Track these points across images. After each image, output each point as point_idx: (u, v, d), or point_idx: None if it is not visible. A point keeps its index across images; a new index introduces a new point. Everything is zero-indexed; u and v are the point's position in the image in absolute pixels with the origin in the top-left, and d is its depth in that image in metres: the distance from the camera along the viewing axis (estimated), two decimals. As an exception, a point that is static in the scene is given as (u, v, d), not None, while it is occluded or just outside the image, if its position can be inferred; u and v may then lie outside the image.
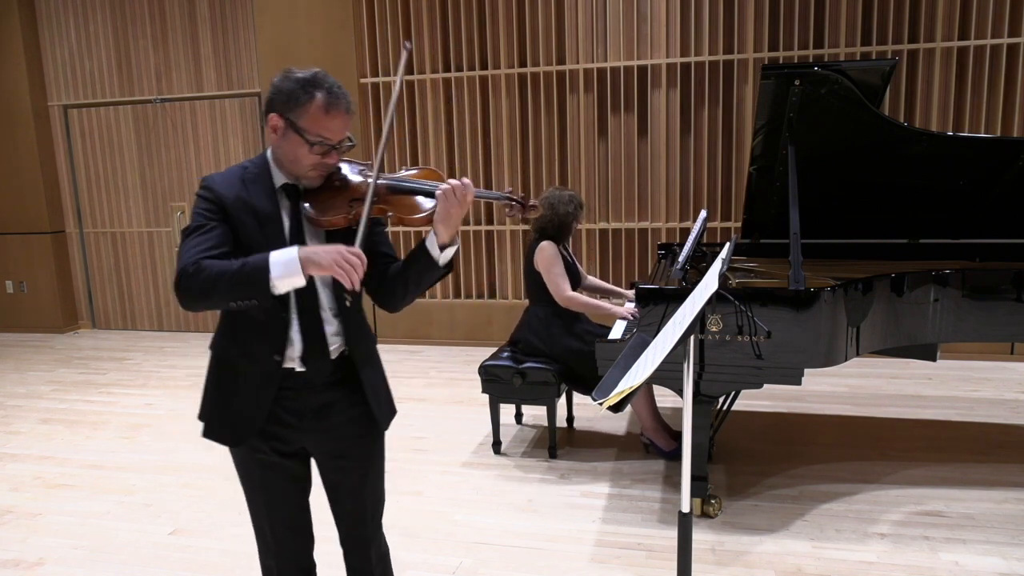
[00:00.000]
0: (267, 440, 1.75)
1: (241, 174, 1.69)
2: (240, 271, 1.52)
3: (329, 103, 1.60)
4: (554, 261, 3.65)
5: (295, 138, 1.62)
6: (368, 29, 5.96)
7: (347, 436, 1.81)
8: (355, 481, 1.86)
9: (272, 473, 1.79)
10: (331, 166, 1.68)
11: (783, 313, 2.83)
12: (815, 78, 3.13)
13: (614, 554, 2.84)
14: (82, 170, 7.04)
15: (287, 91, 1.61)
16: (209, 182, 1.67)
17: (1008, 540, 2.83)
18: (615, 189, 5.72)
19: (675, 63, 5.45)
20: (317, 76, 1.62)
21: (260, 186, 1.68)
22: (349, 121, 1.65)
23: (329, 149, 1.64)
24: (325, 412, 1.77)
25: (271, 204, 1.67)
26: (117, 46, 6.71)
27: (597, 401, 1.75)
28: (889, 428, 4.02)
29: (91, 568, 2.89)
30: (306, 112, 1.60)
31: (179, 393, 5.13)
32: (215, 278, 1.52)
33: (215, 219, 1.62)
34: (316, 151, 1.62)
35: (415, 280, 1.73)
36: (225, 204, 1.63)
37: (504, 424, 4.00)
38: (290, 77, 1.62)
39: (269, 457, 1.77)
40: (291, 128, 1.62)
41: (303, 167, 1.65)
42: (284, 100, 1.61)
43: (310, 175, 1.66)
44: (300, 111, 1.60)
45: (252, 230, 1.64)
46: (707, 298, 1.78)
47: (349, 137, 1.67)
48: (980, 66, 5.01)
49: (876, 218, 3.79)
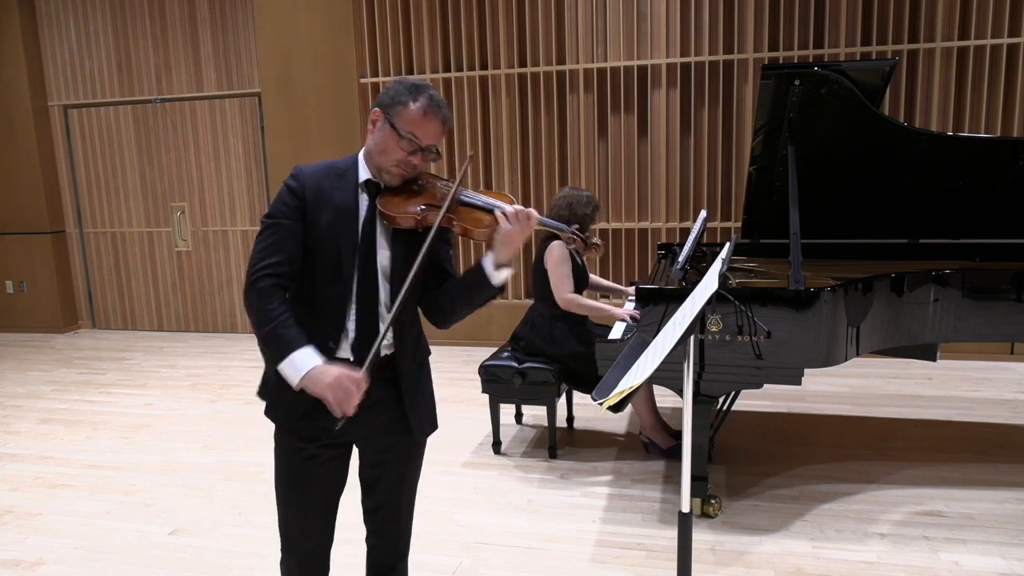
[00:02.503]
0: (315, 429, 1.79)
1: (329, 169, 1.79)
2: (270, 335, 1.68)
3: (428, 108, 1.72)
4: (562, 261, 3.65)
5: (389, 131, 1.73)
6: (368, 29, 5.96)
7: (390, 434, 1.86)
8: (392, 480, 1.91)
9: (311, 463, 1.82)
10: (414, 168, 1.76)
11: (783, 313, 2.83)
12: (815, 78, 3.13)
13: (614, 554, 2.84)
14: (82, 170, 7.04)
15: (395, 91, 1.74)
16: (299, 170, 1.77)
17: (1008, 540, 2.83)
18: (615, 189, 5.72)
19: (675, 63, 5.45)
20: (423, 84, 1.75)
21: (345, 180, 1.78)
22: (441, 132, 1.77)
23: (417, 149, 1.73)
24: (376, 408, 1.81)
25: (351, 198, 1.77)
26: (117, 46, 6.71)
27: (597, 401, 1.75)
28: (889, 428, 4.02)
29: (91, 568, 2.89)
30: (406, 111, 1.71)
31: (179, 393, 5.13)
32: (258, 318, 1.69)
33: (290, 215, 1.73)
34: (404, 146, 1.72)
35: (466, 297, 1.82)
36: (306, 193, 1.74)
37: (504, 424, 4.00)
38: (403, 82, 1.75)
39: (311, 447, 1.81)
40: (387, 123, 1.73)
41: (389, 160, 1.74)
42: (390, 99, 1.74)
43: (393, 171, 1.75)
44: (401, 110, 1.72)
45: (327, 222, 1.74)
46: (707, 298, 1.78)
47: (436, 148, 1.77)
48: (980, 66, 5.01)
49: (876, 218, 3.79)
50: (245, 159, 6.60)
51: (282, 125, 6.16)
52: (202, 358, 6.09)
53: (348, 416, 1.65)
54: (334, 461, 1.85)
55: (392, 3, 5.86)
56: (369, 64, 5.99)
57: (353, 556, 2.65)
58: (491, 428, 3.84)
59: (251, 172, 6.61)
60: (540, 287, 3.77)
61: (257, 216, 6.63)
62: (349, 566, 2.67)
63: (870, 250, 3.89)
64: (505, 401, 3.78)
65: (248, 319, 1.71)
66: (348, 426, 1.77)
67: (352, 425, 1.79)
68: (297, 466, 1.82)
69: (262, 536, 3.07)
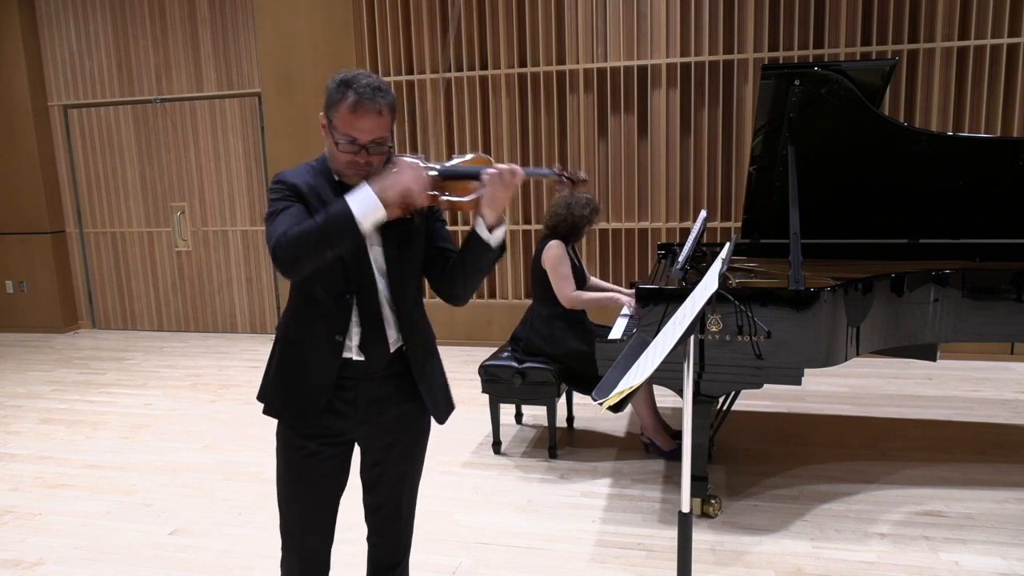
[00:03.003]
0: (319, 428, 1.79)
1: (308, 168, 1.76)
2: (326, 221, 1.57)
3: (356, 103, 1.62)
4: (561, 261, 3.65)
5: (330, 136, 1.67)
6: (368, 29, 5.96)
7: (396, 430, 1.86)
8: (394, 478, 1.91)
9: (312, 460, 1.82)
10: (367, 166, 1.67)
11: (783, 313, 2.83)
12: (815, 78, 3.13)
13: (614, 554, 2.84)
14: (82, 170, 7.04)
15: (330, 91, 1.67)
16: (281, 176, 1.74)
17: (1008, 540, 2.83)
18: (615, 189, 5.72)
19: (675, 63, 5.45)
20: (353, 76, 1.65)
21: (324, 179, 1.75)
22: (383, 122, 1.65)
23: (358, 149, 1.65)
24: (380, 405, 1.81)
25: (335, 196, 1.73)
26: (117, 46, 6.71)
27: (597, 401, 1.75)
28: (889, 428, 4.02)
29: (91, 568, 2.89)
30: (338, 113, 1.64)
31: (179, 393, 5.13)
32: (306, 235, 1.57)
33: (293, 199, 1.69)
34: (343, 150, 1.65)
35: (473, 265, 1.77)
36: (299, 190, 1.70)
37: (504, 424, 4.00)
38: (336, 78, 1.67)
39: (313, 444, 1.81)
40: (330, 126, 1.67)
41: (340, 164, 1.70)
42: (328, 99, 1.67)
43: (348, 172, 1.69)
44: (335, 110, 1.65)
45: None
46: (707, 298, 1.78)
47: (381, 141, 1.66)
48: (980, 66, 5.01)
49: (876, 218, 3.79)
50: (245, 159, 6.60)
51: (282, 125, 6.16)
52: (202, 358, 6.09)
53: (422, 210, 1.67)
54: (336, 459, 1.85)
55: (392, 3, 5.86)
56: (369, 64, 5.99)
57: (354, 556, 2.65)
58: (491, 428, 3.84)
59: (251, 172, 6.61)
60: (538, 286, 3.77)
61: (258, 216, 6.63)
62: (349, 566, 2.67)
63: (870, 250, 3.89)
64: (505, 401, 3.78)
65: (292, 257, 1.58)
66: (351, 424, 1.77)
67: (355, 423, 1.79)
68: (299, 463, 1.82)
69: (262, 536, 3.07)
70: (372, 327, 1.76)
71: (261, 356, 6.08)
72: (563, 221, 3.68)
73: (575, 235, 3.74)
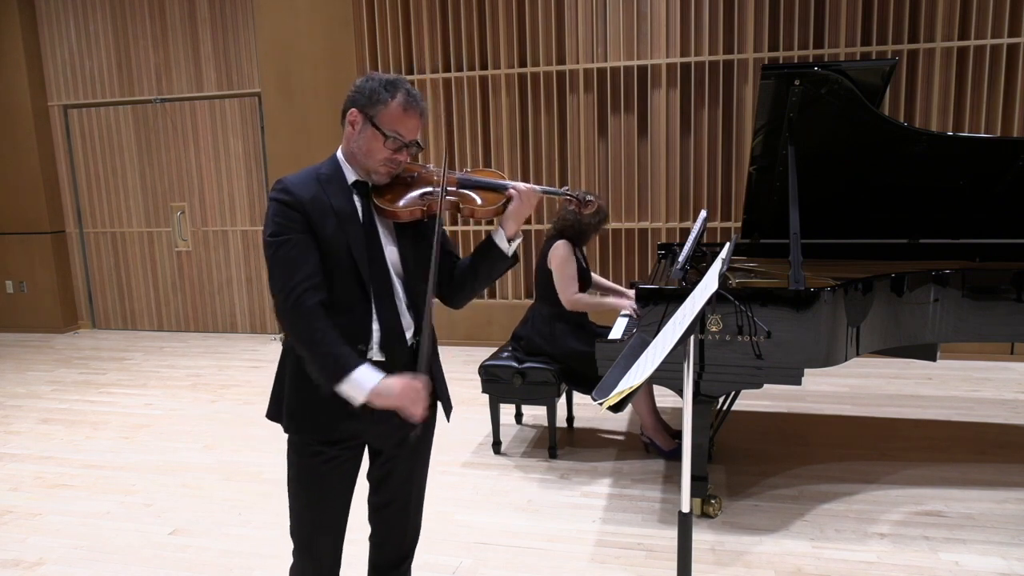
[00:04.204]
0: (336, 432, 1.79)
1: (316, 175, 1.76)
2: (325, 356, 1.65)
3: (407, 103, 1.71)
4: (567, 262, 3.65)
5: (371, 132, 1.71)
6: (368, 29, 5.96)
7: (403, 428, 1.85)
8: (403, 476, 1.93)
9: (329, 466, 1.82)
10: (400, 164, 1.77)
11: (783, 313, 2.83)
12: (815, 78, 3.13)
13: (614, 554, 2.84)
14: (82, 170, 7.04)
15: (369, 90, 1.71)
16: (285, 184, 1.71)
17: (1008, 540, 2.83)
18: (615, 189, 5.72)
19: (675, 63, 5.45)
20: (399, 79, 1.74)
21: (335, 185, 1.75)
22: (421, 125, 1.76)
23: (401, 146, 1.73)
24: None
25: (347, 202, 1.75)
26: (117, 46, 6.71)
27: (597, 401, 1.75)
28: (889, 428, 4.02)
29: (91, 568, 2.89)
30: (387, 109, 1.70)
31: (179, 393, 5.13)
32: (307, 341, 1.65)
33: (296, 227, 1.68)
34: (389, 145, 1.72)
35: (485, 272, 1.88)
36: (304, 206, 1.69)
37: (504, 424, 4.00)
38: (374, 78, 1.73)
39: (332, 450, 1.81)
40: (369, 123, 1.71)
41: (375, 161, 1.74)
42: (366, 98, 1.71)
43: (380, 170, 1.75)
44: (380, 108, 1.70)
45: (334, 229, 1.71)
46: (707, 298, 1.78)
47: (418, 142, 1.77)
48: (980, 66, 5.01)
49: (876, 218, 3.79)
50: (245, 159, 6.60)
51: (282, 125, 6.16)
52: (202, 358, 6.09)
53: (422, 421, 1.70)
54: (350, 462, 1.85)
55: (392, 3, 5.86)
56: (369, 64, 5.99)
57: (355, 556, 2.65)
58: (491, 428, 3.84)
59: (251, 172, 6.61)
60: (542, 286, 3.77)
61: (258, 216, 6.63)
62: (350, 566, 2.66)
63: (870, 250, 3.89)
64: (505, 401, 3.78)
65: (289, 332, 1.68)
66: (367, 425, 1.78)
67: (371, 423, 1.79)
68: (316, 469, 1.81)
69: (262, 536, 3.07)
70: (391, 326, 1.77)
71: (261, 356, 6.08)
72: (571, 224, 3.69)
73: (582, 239, 3.75)
